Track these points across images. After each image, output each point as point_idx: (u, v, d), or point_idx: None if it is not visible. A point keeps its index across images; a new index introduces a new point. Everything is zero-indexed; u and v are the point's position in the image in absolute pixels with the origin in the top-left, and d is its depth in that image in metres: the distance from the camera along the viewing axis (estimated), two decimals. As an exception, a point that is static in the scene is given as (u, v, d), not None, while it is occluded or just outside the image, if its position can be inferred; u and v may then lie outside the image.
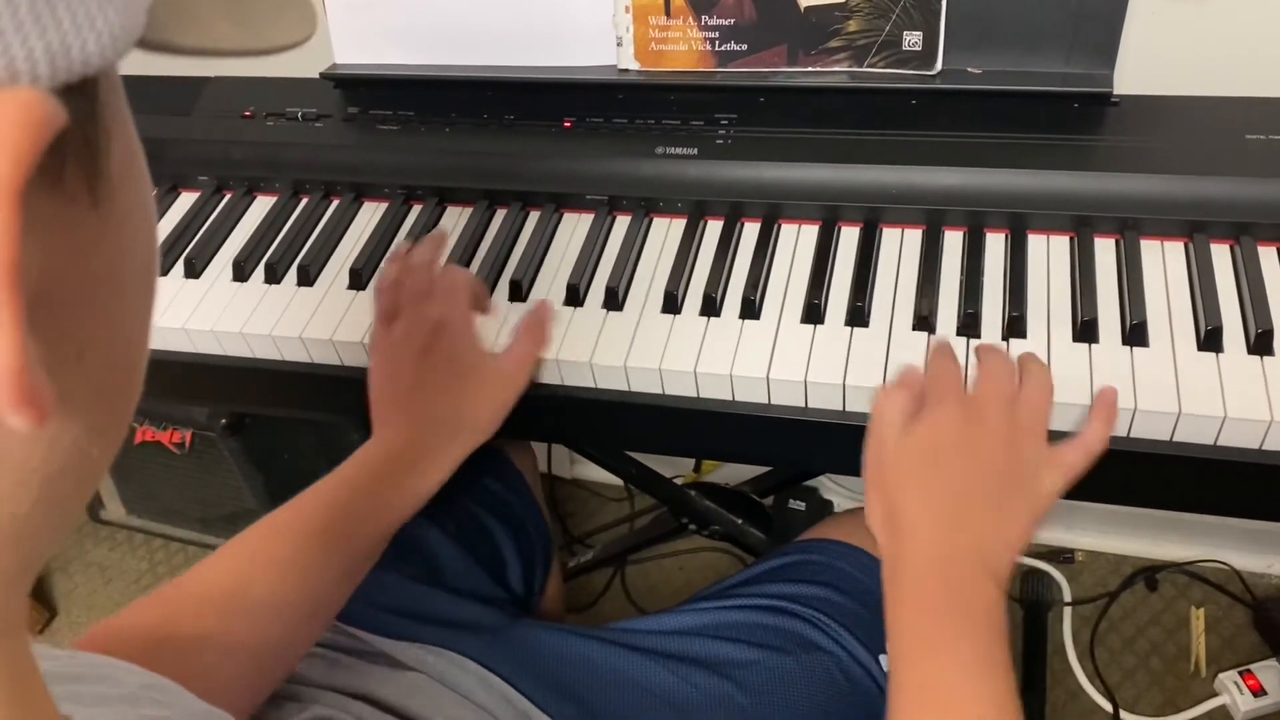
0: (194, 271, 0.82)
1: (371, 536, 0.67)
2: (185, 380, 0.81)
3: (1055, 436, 0.61)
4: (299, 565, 0.64)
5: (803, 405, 0.67)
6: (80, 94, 0.21)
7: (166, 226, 0.86)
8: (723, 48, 0.79)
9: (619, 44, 0.81)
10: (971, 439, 0.59)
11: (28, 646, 0.28)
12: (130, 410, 0.28)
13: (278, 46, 0.27)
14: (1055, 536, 1.46)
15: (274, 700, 0.63)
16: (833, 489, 1.49)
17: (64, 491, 0.25)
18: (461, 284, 0.72)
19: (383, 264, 0.77)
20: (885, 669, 0.73)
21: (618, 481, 1.57)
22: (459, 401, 0.70)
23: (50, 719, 0.29)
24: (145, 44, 0.23)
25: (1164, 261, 0.69)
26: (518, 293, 0.75)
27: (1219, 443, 0.61)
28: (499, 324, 0.73)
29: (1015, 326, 0.66)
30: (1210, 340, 0.63)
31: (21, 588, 0.26)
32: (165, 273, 0.83)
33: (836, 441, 0.67)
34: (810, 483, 1.47)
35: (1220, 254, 0.68)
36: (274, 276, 0.80)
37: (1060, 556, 1.44)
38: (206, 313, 0.78)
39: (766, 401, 0.68)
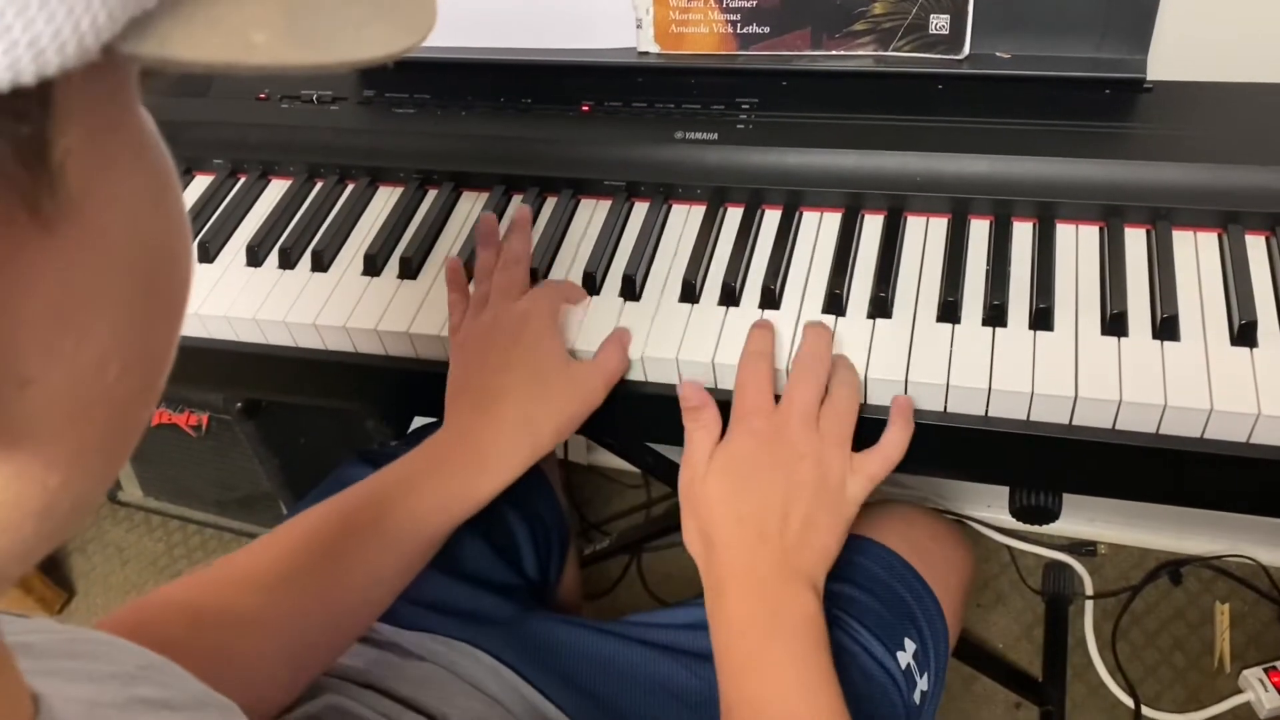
0: (208, 256, 0.81)
1: (424, 532, 0.65)
2: (198, 366, 0.81)
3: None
4: (346, 555, 0.62)
5: (822, 397, 0.66)
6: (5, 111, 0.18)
7: (181, 210, 0.85)
8: (745, 30, 0.78)
9: (638, 26, 0.80)
10: (777, 456, 0.60)
11: None
12: (112, 444, 0.26)
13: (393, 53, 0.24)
14: (1077, 529, 1.44)
15: None
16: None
17: (13, 520, 0.23)
18: (552, 289, 0.70)
19: (479, 244, 0.74)
20: (902, 665, 0.72)
21: (635, 468, 1.56)
22: (531, 406, 0.66)
23: (15, 696, 0.28)
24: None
25: (1196, 253, 0.67)
26: (532, 280, 0.74)
27: (1252, 440, 0.59)
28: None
29: (1042, 318, 0.64)
30: (1244, 335, 0.61)
31: None
32: (179, 257, 0.82)
33: (855, 432, 0.66)
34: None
35: (1255, 246, 0.66)
36: (288, 262, 0.79)
37: (1082, 549, 1.42)
38: (220, 298, 0.78)
39: (785, 393, 0.67)
